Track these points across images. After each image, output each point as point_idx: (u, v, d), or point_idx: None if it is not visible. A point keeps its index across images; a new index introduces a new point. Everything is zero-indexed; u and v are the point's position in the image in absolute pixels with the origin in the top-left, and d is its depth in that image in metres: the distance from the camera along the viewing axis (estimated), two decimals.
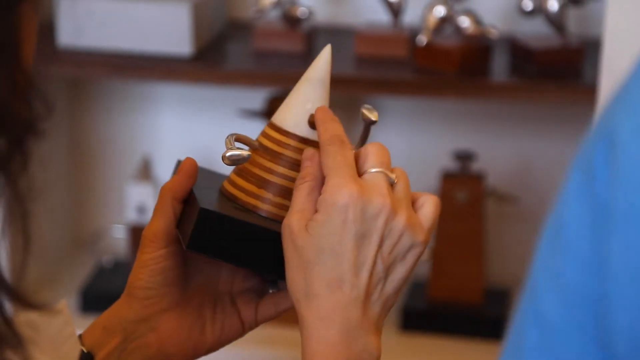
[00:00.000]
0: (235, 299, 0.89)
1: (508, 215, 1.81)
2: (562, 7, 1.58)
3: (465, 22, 1.57)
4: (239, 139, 0.87)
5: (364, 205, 0.79)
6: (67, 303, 0.77)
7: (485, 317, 1.68)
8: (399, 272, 0.80)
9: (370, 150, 0.83)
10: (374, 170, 0.81)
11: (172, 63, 1.60)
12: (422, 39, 1.57)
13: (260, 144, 0.87)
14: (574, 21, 1.65)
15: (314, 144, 0.86)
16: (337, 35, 1.72)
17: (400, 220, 0.79)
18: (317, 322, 0.78)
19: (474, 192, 1.67)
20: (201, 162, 0.90)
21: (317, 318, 0.78)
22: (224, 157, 0.84)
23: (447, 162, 1.73)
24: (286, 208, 0.84)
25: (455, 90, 1.56)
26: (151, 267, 0.85)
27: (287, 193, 0.86)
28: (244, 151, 0.85)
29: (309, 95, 0.87)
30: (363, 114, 0.88)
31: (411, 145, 1.80)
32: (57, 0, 1.62)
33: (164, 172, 1.86)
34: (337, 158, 0.81)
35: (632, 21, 1.42)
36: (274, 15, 1.65)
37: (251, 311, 0.88)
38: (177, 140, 1.85)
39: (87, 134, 1.87)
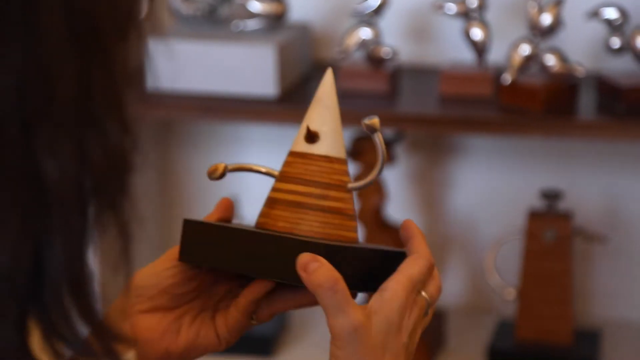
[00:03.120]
0: (215, 314, 0.94)
1: (596, 254, 1.79)
2: None
3: (550, 60, 1.56)
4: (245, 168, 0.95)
5: (411, 322, 0.87)
6: (135, 353, 0.80)
7: (574, 359, 1.66)
8: (418, 334, 0.90)
9: (434, 284, 0.90)
10: (425, 295, 0.89)
11: (258, 104, 1.62)
12: (507, 78, 1.56)
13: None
14: None
15: (310, 159, 0.91)
16: (422, 74, 1.72)
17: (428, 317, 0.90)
18: None
19: (561, 231, 1.65)
20: None
21: None
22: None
23: (534, 201, 1.72)
24: (270, 216, 0.91)
25: (541, 129, 1.55)
26: (155, 272, 0.92)
27: (273, 202, 0.91)
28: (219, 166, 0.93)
29: (310, 115, 0.92)
30: (365, 125, 0.92)
31: (497, 184, 1.79)
32: (148, 44, 1.65)
33: (251, 211, 1.87)
34: (416, 269, 0.88)
35: None
36: (358, 55, 1.66)
37: (224, 326, 0.93)
38: (263, 180, 1.86)
39: (177, 173, 1.90)
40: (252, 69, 1.62)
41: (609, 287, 1.80)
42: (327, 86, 0.92)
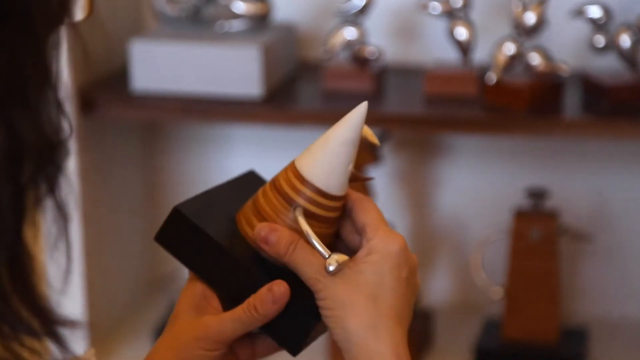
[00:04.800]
0: (232, 345, 0.91)
1: (583, 253, 1.79)
2: (635, 43, 1.56)
3: (535, 59, 1.56)
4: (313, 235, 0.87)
5: (408, 254, 0.90)
6: (94, 352, 0.81)
7: (561, 357, 1.66)
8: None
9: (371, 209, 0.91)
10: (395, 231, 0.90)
11: (243, 105, 1.61)
12: (492, 77, 1.56)
13: (307, 210, 0.87)
14: None
15: (342, 200, 0.88)
16: (407, 74, 1.72)
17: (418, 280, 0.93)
18: (394, 348, 0.87)
19: (547, 230, 1.65)
20: None
21: (393, 345, 0.87)
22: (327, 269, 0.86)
23: (520, 200, 1.72)
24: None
25: (526, 128, 1.55)
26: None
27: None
28: (341, 259, 0.86)
29: (351, 156, 0.87)
30: (367, 135, 0.91)
31: (483, 183, 1.79)
32: (131, 46, 1.64)
33: None
34: (376, 212, 0.89)
35: None
36: (343, 55, 1.66)
37: (248, 353, 0.92)
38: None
39: (160, 175, 1.89)
40: (236, 70, 1.62)
41: (595, 286, 1.80)
42: (360, 121, 0.88)
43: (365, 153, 1.69)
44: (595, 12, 1.57)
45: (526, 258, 1.66)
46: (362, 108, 0.89)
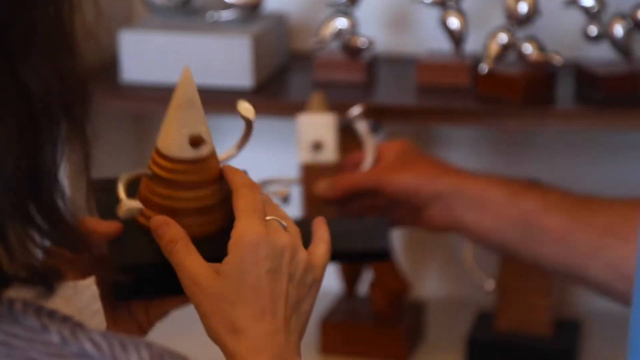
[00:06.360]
0: (130, 307, 1.00)
1: None
2: (628, 32, 1.55)
3: (528, 49, 1.55)
4: (131, 178, 0.95)
5: (272, 244, 0.90)
6: (94, 280, 0.91)
7: (554, 349, 1.65)
8: (306, 304, 0.93)
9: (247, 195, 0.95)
10: (268, 218, 0.92)
11: (234, 96, 1.60)
12: (484, 67, 1.55)
13: (154, 174, 0.94)
14: None
15: (201, 163, 0.94)
16: (398, 65, 1.71)
17: (302, 257, 0.92)
18: (250, 353, 0.88)
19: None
20: None
21: (249, 349, 0.88)
22: (119, 214, 0.92)
23: None
24: (203, 225, 0.94)
25: (519, 118, 1.54)
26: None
27: (198, 212, 0.94)
28: (134, 206, 0.92)
29: (184, 120, 0.95)
30: (240, 113, 0.99)
31: None
32: (120, 37, 1.63)
33: None
34: (247, 201, 0.92)
35: None
36: (334, 45, 1.65)
37: (143, 315, 1.00)
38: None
39: None
40: (227, 61, 1.61)
41: None
42: (187, 85, 0.95)
43: (357, 144, 1.68)
44: (588, 1, 1.56)
45: None
46: (186, 72, 0.97)
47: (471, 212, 1.26)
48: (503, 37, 1.55)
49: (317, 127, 1.27)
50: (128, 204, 0.91)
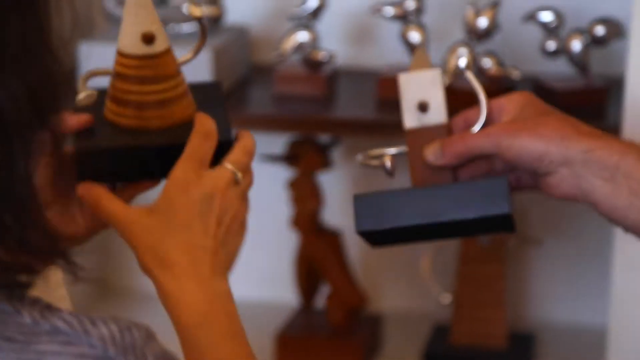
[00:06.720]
0: (76, 210, 1.05)
1: (532, 257, 1.80)
2: (585, 48, 1.58)
3: (487, 63, 1.57)
4: (91, 74, 1.05)
5: (203, 188, 0.97)
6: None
7: None
8: (233, 245, 1.00)
9: (237, 145, 1.01)
10: (227, 165, 0.99)
11: None
12: (444, 82, 1.56)
13: (115, 72, 1.02)
14: (597, 61, 1.64)
15: (155, 58, 1.02)
16: (359, 78, 1.72)
17: (233, 203, 0.99)
18: (177, 284, 0.95)
19: (496, 234, 1.65)
20: None
21: (176, 279, 0.95)
22: (77, 102, 1.02)
23: None
24: (165, 116, 1.02)
25: None
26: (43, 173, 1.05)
27: (159, 104, 1.02)
28: (88, 93, 1.02)
29: (136, 19, 1.01)
30: (190, 14, 1.04)
31: None
32: (80, 48, 1.62)
33: None
34: (193, 148, 0.98)
35: None
36: (295, 59, 1.66)
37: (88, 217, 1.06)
38: None
39: None
40: (188, 73, 1.59)
41: (543, 290, 1.81)
42: None
43: (316, 158, 1.68)
44: (547, 16, 1.58)
45: (475, 262, 1.66)
46: None
47: (605, 185, 1.07)
48: (463, 52, 1.56)
49: (421, 85, 1.13)
50: (83, 92, 1.02)
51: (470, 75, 1.05)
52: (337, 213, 1.81)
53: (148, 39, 1.01)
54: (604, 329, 1.55)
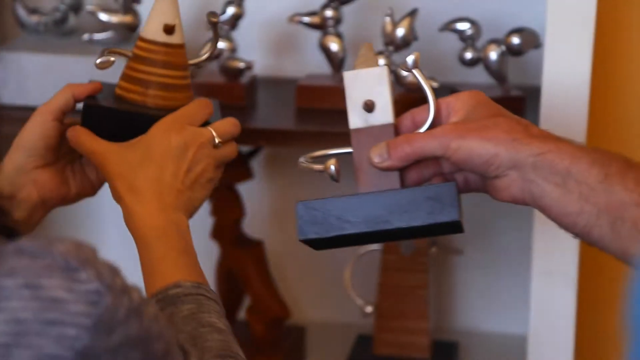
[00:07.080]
0: (84, 165, 1.26)
1: (453, 266, 1.80)
2: (502, 57, 1.58)
3: (405, 73, 1.56)
4: (115, 51, 1.23)
5: (183, 138, 1.15)
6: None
7: None
8: (199, 193, 1.16)
9: (225, 118, 1.24)
10: (210, 128, 1.19)
11: None
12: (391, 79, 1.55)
13: (133, 53, 1.22)
14: (514, 71, 1.65)
15: (170, 48, 1.22)
16: (279, 87, 1.71)
17: (206, 160, 1.17)
18: (141, 206, 1.11)
19: (418, 243, 1.65)
20: None
21: (141, 204, 1.11)
22: (95, 65, 1.22)
23: None
24: (167, 99, 1.21)
25: None
26: (40, 133, 1.22)
27: (163, 86, 1.21)
28: (109, 57, 1.22)
29: (162, 10, 1.21)
30: (208, 19, 1.27)
31: None
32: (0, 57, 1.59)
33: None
34: (187, 109, 1.19)
35: (569, 69, 1.42)
36: (213, 68, 1.64)
37: (94, 174, 1.26)
38: None
39: None
40: (100, 79, 1.57)
41: (465, 299, 1.81)
42: None
43: (236, 168, 1.67)
44: (464, 26, 1.59)
45: (397, 272, 1.66)
46: None
47: (555, 189, 1.03)
48: (380, 61, 1.56)
49: (367, 83, 1.09)
50: (102, 57, 1.22)
51: (418, 73, 1.01)
52: (258, 224, 1.80)
53: (169, 30, 1.20)
54: (525, 337, 1.55)
